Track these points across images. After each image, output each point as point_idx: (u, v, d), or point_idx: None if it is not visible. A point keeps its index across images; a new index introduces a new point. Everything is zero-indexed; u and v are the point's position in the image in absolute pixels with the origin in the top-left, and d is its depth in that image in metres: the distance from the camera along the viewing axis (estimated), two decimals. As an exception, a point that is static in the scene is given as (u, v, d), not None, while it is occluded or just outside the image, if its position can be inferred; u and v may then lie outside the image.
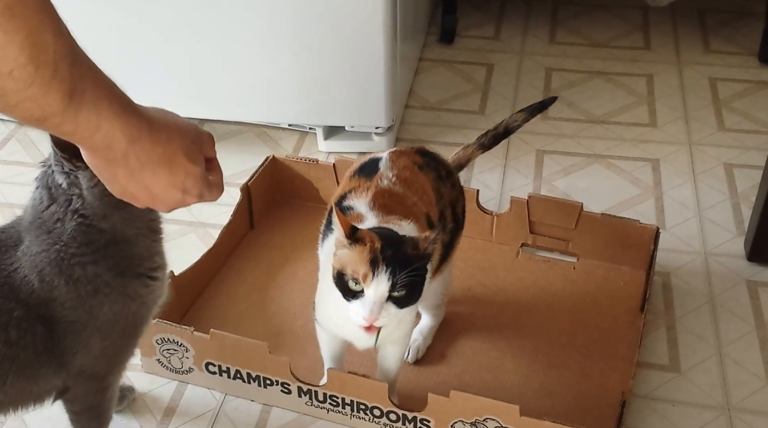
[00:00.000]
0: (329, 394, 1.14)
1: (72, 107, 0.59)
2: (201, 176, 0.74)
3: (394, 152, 1.15)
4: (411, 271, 0.91)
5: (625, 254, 1.41)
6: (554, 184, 1.68)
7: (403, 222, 1.03)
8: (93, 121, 0.62)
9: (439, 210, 1.12)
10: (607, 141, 1.81)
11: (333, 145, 1.74)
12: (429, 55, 2.10)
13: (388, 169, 1.10)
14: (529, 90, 1.98)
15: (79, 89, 0.60)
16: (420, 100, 1.94)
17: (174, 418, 1.18)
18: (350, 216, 1.04)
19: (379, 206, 1.05)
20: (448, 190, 1.15)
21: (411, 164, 1.12)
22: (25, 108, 0.57)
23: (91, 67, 0.62)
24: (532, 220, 1.44)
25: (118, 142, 0.65)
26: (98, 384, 0.99)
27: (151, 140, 0.68)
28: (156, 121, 0.69)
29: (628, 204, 1.62)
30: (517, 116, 1.30)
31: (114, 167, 0.68)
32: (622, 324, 1.32)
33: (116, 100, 0.64)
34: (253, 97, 1.69)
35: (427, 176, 1.13)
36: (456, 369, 1.25)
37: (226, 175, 1.73)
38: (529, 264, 1.45)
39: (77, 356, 0.93)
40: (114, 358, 0.98)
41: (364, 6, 1.54)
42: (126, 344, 0.98)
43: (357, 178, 1.11)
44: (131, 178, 0.69)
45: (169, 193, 0.72)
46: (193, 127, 0.75)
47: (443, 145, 1.78)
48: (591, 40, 2.17)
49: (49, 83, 0.57)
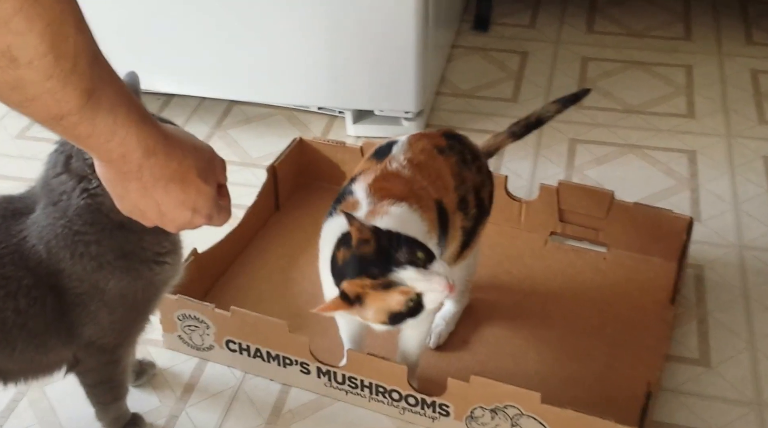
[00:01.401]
0: (348, 376, 1.13)
1: (89, 107, 0.59)
2: (212, 197, 0.73)
3: (415, 135, 1.12)
4: None
5: (656, 245, 1.37)
6: (586, 174, 1.64)
7: (394, 206, 0.98)
8: (110, 126, 0.61)
9: (459, 195, 1.09)
10: (643, 131, 1.76)
11: (362, 130, 1.73)
12: (462, 43, 2.08)
13: (401, 152, 1.06)
14: (563, 79, 1.94)
15: (98, 90, 0.59)
16: (452, 87, 1.91)
17: (193, 395, 1.18)
18: (347, 203, 1.01)
19: (375, 190, 1.01)
20: (472, 174, 1.12)
21: (430, 147, 1.09)
22: (43, 102, 0.56)
23: (111, 73, 0.62)
24: (562, 208, 1.41)
25: (133, 151, 0.64)
26: (108, 357, 0.98)
27: (166, 155, 0.67)
28: (173, 137, 0.68)
29: (662, 195, 1.58)
30: (550, 107, 1.27)
31: (127, 181, 0.67)
32: (652, 316, 1.29)
33: (134, 109, 0.64)
34: (283, 79, 1.68)
35: (448, 160, 1.09)
36: (478, 355, 1.23)
37: (255, 156, 1.75)
38: (557, 253, 1.42)
39: (86, 328, 0.93)
40: (123, 332, 0.97)
41: (395, -11, 1.52)
42: (135, 319, 0.98)
43: (370, 160, 1.09)
44: (143, 194, 0.68)
45: (178, 212, 0.72)
46: (208, 148, 0.75)
47: (474, 131, 1.75)
48: (629, 30, 2.12)
49: (68, 77, 0.56)
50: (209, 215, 0.75)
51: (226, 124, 1.80)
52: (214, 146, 1.73)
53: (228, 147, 1.73)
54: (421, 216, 1.00)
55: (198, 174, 0.70)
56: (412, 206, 1.00)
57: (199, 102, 1.84)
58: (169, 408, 1.16)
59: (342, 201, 1.03)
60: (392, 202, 0.99)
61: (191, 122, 1.80)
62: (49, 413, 1.15)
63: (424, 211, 1.01)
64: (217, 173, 0.75)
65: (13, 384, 0.96)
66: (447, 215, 1.06)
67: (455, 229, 1.09)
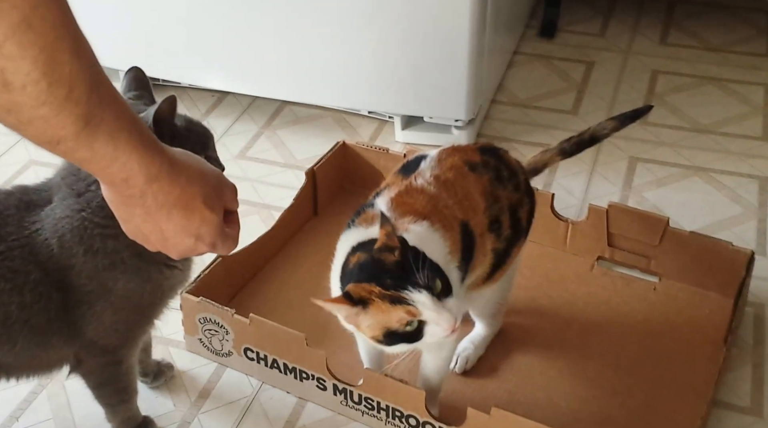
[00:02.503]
0: (365, 396, 1.07)
1: (86, 133, 0.58)
2: (217, 225, 0.71)
3: (446, 149, 1.05)
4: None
5: (713, 278, 1.27)
6: (644, 196, 1.54)
7: (415, 224, 0.93)
8: (110, 152, 0.60)
9: (491, 216, 1.02)
10: (711, 153, 1.65)
11: (410, 136, 1.67)
12: (525, 49, 1.99)
13: (428, 168, 1.01)
14: (629, 92, 1.84)
15: (97, 116, 0.58)
16: (509, 95, 1.83)
17: (208, 401, 1.15)
18: (366, 215, 0.96)
19: (397, 206, 0.96)
20: (507, 193, 1.05)
21: (461, 164, 1.02)
22: (37, 127, 0.56)
23: (113, 97, 0.60)
24: (612, 232, 1.32)
25: (135, 177, 0.63)
26: (110, 358, 0.97)
27: (170, 181, 0.66)
28: (178, 162, 0.67)
29: (726, 224, 1.47)
30: (607, 124, 1.18)
31: (131, 205, 0.67)
32: (701, 356, 1.19)
33: (137, 134, 0.62)
34: (334, 81, 1.65)
35: (480, 178, 1.03)
36: (507, 385, 1.16)
37: (300, 158, 1.71)
38: (603, 279, 1.33)
39: (89, 327, 0.91)
40: (125, 333, 0.96)
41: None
42: (138, 321, 0.96)
43: (396, 175, 1.04)
44: (147, 219, 0.68)
45: (181, 238, 0.70)
46: (217, 173, 0.73)
47: (528, 144, 1.68)
48: (706, 44, 1.99)
49: (62, 103, 0.55)
50: (213, 243, 0.72)
51: (276, 124, 1.78)
52: (261, 146, 1.79)
53: (274, 148, 1.71)
54: (442, 236, 0.95)
55: (203, 201, 0.69)
56: (433, 225, 0.94)
57: (252, 101, 1.82)
58: (182, 413, 1.14)
59: (362, 214, 0.98)
60: (413, 219, 0.94)
61: (241, 120, 1.78)
62: (64, 409, 1.15)
63: (446, 231, 0.95)
64: (225, 199, 0.73)
65: (14, 380, 0.95)
66: (473, 237, 1.00)
67: (484, 252, 1.02)
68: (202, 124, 0.96)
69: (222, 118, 1.78)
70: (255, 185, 1.60)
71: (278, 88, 1.72)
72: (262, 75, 1.69)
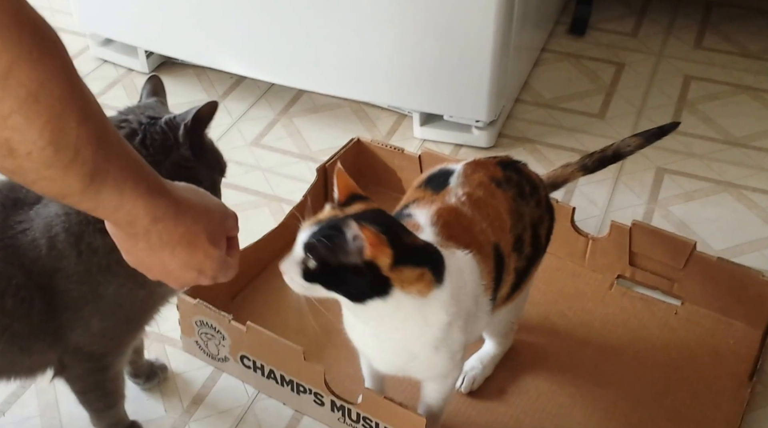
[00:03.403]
0: (363, 415, 1.02)
1: (92, 188, 0.59)
2: (219, 259, 0.72)
3: (470, 164, 1.00)
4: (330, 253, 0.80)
5: (740, 307, 1.20)
6: (671, 210, 1.47)
7: (459, 251, 0.89)
8: (115, 201, 0.61)
9: (515, 235, 0.97)
10: (743, 168, 1.57)
11: (429, 133, 1.60)
12: (554, 47, 1.91)
13: (459, 186, 0.96)
14: (660, 98, 1.76)
15: (103, 171, 0.59)
16: (534, 95, 1.76)
17: (201, 408, 1.10)
18: (406, 223, 0.92)
19: (442, 224, 0.92)
20: (530, 209, 1.00)
21: (487, 180, 0.97)
22: (42, 186, 0.57)
23: (119, 148, 0.61)
24: (634, 251, 1.25)
25: (140, 219, 0.64)
26: (96, 364, 0.92)
27: (175, 220, 0.67)
28: (183, 202, 0.68)
29: (756, 245, 1.39)
30: (631, 141, 1.13)
31: (135, 240, 0.67)
32: (724, 391, 1.12)
33: (143, 181, 0.63)
34: (354, 72, 1.58)
35: (506, 195, 0.98)
36: (514, 409, 1.10)
37: (315, 149, 1.65)
38: (622, 299, 1.26)
39: (74, 333, 0.87)
40: (113, 340, 0.91)
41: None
42: (127, 329, 0.91)
43: (423, 189, 0.98)
44: (150, 253, 0.68)
45: (183, 272, 0.71)
46: (221, 207, 0.74)
47: (550, 147, 1.61)
48: (744, 50, 1.90)
49: (68, 166, 0.56)
50: (215, 276, 0.74)
51: (293, 111, 1.71)
52: (277, 134, 1.73)
53: (289, 136, 1.65)
54: (478, 264, 0.91)
55: (207, 237, 0.70)
56: (475, 256, 0.91)
57: (269, 86, 1.76)
58: (173, 419, 1.09)
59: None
60: (460, 245, 0.90)
61: (258, 106, 1.72)
62: (52, 407, 1.10)
63: (483, 259, 0.92)
64: (227, 228, 0.74)
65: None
66: (503, 259, 0.95)
67: (508, 272, 0.96)
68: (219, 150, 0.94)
69: (239, 101, 1.72)
70: (267, 175, 1.54)
71: (297, 77, 1.65)
72: (281, 62, 1.63)
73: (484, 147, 1.58)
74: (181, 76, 1.78)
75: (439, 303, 0.85)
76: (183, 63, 1.77)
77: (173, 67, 1.80)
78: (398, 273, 0.81)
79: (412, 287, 0.83)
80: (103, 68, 1.81)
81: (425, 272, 0.84)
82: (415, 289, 0.83)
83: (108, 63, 1.82)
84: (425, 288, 0.84)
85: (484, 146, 1.58)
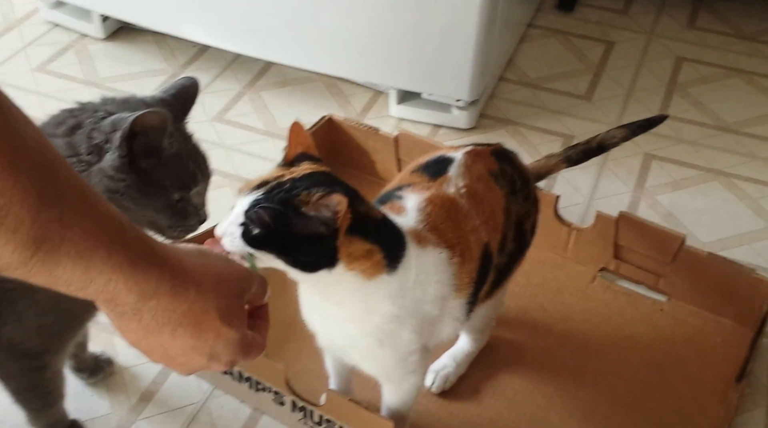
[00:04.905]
0: (326, 417, 0.94)
1: (38, 260, 0.46)
2: (237, 342, 0.57)
3: (470, 154, 0.92)
4: (281, 223, 0.70)
5: (729, 305, 1.14)
6: (658, 199, 1.40)
7: (434, 249, 0.81)
8: (79, 274, 0.48)
9: (503, 234, 0.90)
10: (735, 155, 1.50)
11: (406, 112, 1.52)
12: (541, 22, 1.82)
13: (459, 176, 0.88)
14: (650, 79, 1.68)
15: (55, 238, 0.46)
16: (518, 74, 1.67)
17: (150, 405, 1.02)
18: (392, 205, 0.85)
19: (429, 212, 0.84)
20: (518, 205, 0.93)
21: (486, 174, 0.90)
22: None
23: (82, 203, 0.48)
24: (619, 244, 1.18)
25: (124, 297, 0.51)
26: (32, 363, 0.84)
27: (173, 295, 0.53)
28: (185, 273, 0.54)
29: (746, 238, 1.33)
30: (616, 132, 1.09)
31: (123, 320, 0.53)
32: (711, 394, 1.06)
33: (122, 249, 0.49)
34: (327, 44, 1.48)
35: (501, 190, 0.91)
36: (488, 411, 1.03)
37: (283, 126, 1.55)
38: (605, 294, 1.19)
39: (6, 328, 0.79)
40: (51, 338, 0.83)
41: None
42: (68, 327, 0.83)
43: (419, 174, 0.90)
44: (146, 335, 0.54)
45: (190, 358, 0.56)
46: (241, 276, 0.59)
47: (534, 130, 1.53)
48: (738, 31, 1.83)
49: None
50: (231, 361, 0.58)
51: (260, 84, 1.61)
52: (242, 109, 1.63)
53: (255, 111, 1.55)
54: (455, 271, 0.83)
55: (219, 315, 0.55)
56: (452, 258, 0.83)
57: (235, 57, 1.66)
58: (119, 418, 1.01)
59: (386, 202, 0.86)
60: (437, 243, 0.82)
61: (222, 77, 1.62)
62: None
63: (463, 265, 0.84)
64: (253, 299, 0.60)
65: None
66: (491, 260, 0.88)
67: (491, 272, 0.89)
68: (203, 156, 0.81)
69: (202, 72, 1.62)
70: (230, 153, 1.45)
71: (265, 47, 1.55)
72: (248, 31, 1.53)
73: (464, 128, 1.50)
74: (139, 44, 1.67)
75: (385, 291, 0.77)
76: (142, 29, 1.66)
77: (131, 33, 1.69)
78: (347, 243, 0.72)
79: (357, 264, 0.74)
80: (53, 33, 1.69)
81: (375, 250, 0.74)
82: (360, 268, 0.74)
83: (59, 27, 1.70)
84: (372, 269, 0.75)
85: (464, 127, 1.50)
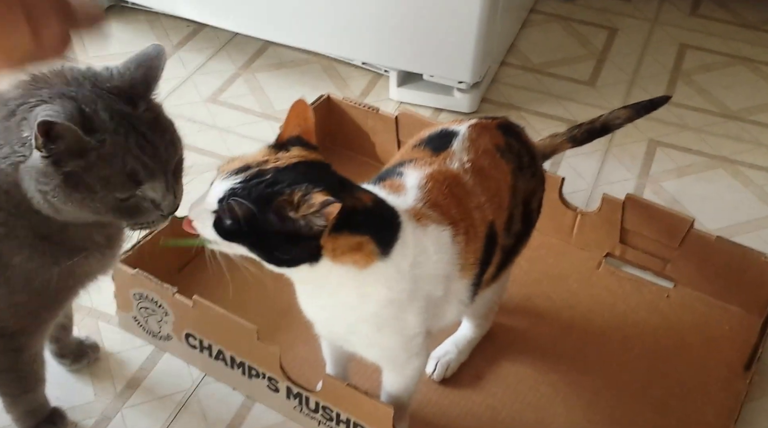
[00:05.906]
0: (323, 404, 0.91)
1: None
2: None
3: (475, 127, 0.88)
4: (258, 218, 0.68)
5: (738, 292, 1.10)
6: (663, 185, 1.37)
7: (437, 227, 0.78)
8: None
9: (509, 213, 0.86)
10: (739, 142, 1.47)
11: (406, 94, 1.48)
12: (544, 7, 1.79)
13: (463, 150, 0.85)
14: (653, 66, 1.65)
15: None
16: (521, 58, 1.64)
17: (136, 393, 0.98)
18: (392, 182, 0.81)
19: (430, 189, 0.80)
20: (525, 182, 0.89)
21: (492, 148, 0.86)
22: None
23: None
24: (626, 228, 1.14)
25: None
26: (8, 344, 0.80)
27: None
28: None
29: (752, 226, 1.30)
30: (620, 113, 1.05)
31: None
32: (718, 382, 1.03)
33: None
34: (326, 24, 1.44)
35: (508, 166, 0.87)
36: (491, 399, 1.00)
37: (279, 109, 1.51)
38: (610, 280, 1.16)
39: None
40: (25, 318, 0.79)
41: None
42: (43, 306, 0.79)
43: (422, 149, 0.86)
44: None
45: None
46: None
47: (537, 115, 1.50)
48: (742, 19, 1.80)
49: None
50: (59, 34, 0.50)
51: (256, 65, 1.57)
52: (238, 90, 1.58)
53: (251, 93, 1.51)
54: (461, 249, 0.79)
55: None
56: (456, 236, 0.79)
57: (231, 36, 1.62)
58: (104, 405, 0.96)
59: (386, 179, 0.82)
60: (438, 220, 0.78)
61: (218, 58, 1.58)
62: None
63: (472, 237, 0.80)
64: None
65: None
66: (496, 239, 0.84)
67: (497, 253, 0.85)
68: (169, 142, 0.75)
69: (196, 52, 1.58)
70: (224, 135, 1.41)
71: (262, 27, 1.51)
72: (244, 10, 1.49)
73: (466, 112, 1.46)
74: (130, 23, 1.63)
75: (378, 276, 0.73)
76: (133, 7, 1.61)
77: (122, 11, 1.64)
78: (333, 240, 0.69)
79: (345, 257, 0.71)
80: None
81: (365, 241, 0.71)
82: (351, 260, 0.71)
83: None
84: (363, 259, 0.72)
85: (466, 111, 1.46)
